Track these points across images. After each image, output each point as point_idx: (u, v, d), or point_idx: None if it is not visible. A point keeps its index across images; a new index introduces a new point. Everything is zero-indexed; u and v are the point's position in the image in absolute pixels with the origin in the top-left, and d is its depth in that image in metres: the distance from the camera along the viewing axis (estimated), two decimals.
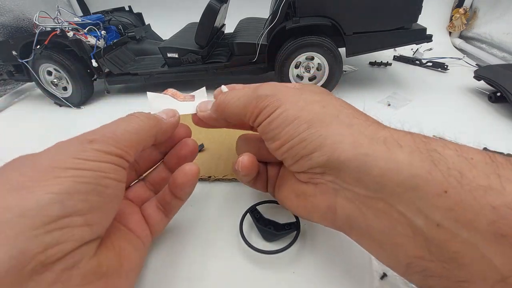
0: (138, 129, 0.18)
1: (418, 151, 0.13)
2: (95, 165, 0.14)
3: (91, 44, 0.52)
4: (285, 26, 0.45)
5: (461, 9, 0.69)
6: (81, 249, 0.13)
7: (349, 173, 0.15)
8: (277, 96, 0.18)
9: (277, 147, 0.18)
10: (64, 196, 0.13)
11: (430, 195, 0.12)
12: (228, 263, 0.22)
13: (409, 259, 0.13)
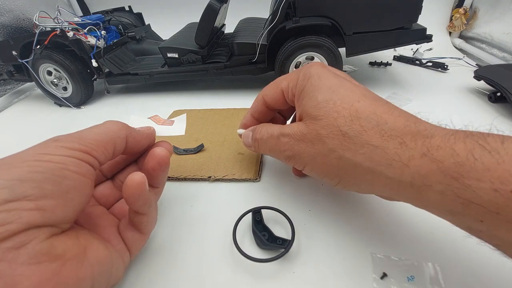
0: (106, 131, 0.19)
1: (449, 190, 0.14)
2: (53, 158, 0.15)
3: (91, 44, 0.52)
4: (285, 26, 0.45)
5: (461, 9, 0.69)
6: (30, 231, 0.13)
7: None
8: (297, 156, 0.21)
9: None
10: (14, 182, 0.14)
11: (470, 221, 0.14)
12: (223, 260, 0.22)
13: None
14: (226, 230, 0.24)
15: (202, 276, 0.21)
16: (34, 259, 0.13)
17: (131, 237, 0.20)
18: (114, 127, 0.20)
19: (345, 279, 0.20)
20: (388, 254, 0.21)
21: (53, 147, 0.16)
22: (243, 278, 0.21)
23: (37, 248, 0.13)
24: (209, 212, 0.27)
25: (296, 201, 0.27)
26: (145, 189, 0.18)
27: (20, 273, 0.13)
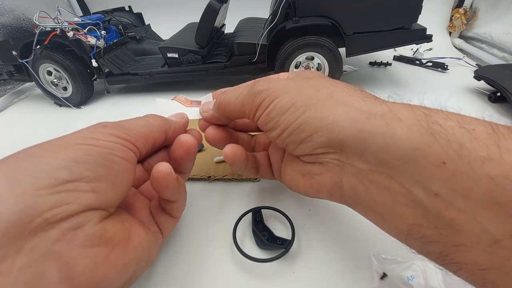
0: (148, 124, 0.20)
1: (418, 124, 0.13)
2: (103, 143, 0.16)
3: (91, 44, 0.52)
4: (285, 26, 0.45)
5: (461, 9, 0.69)
6: (87, 213, 0.14)
7: (350, 150, 0.16)
8: (272, 89, 0.19)
9: (277, 135, 0.19)
10: (71, 163, 0.14)
11: (429, 167, 0.13)
12: (223, 260, 0.22)
13: (409, 227, 0.14)
14: (226, 230, 0.24)
15: (202, 276, 0.21)
16: (90, 241, 0.13)
17: (163, 221, 0.21)
18: (155, 122, 0.21)
19: (345, 279, 0.20)
20: (388, 254, 0.21)
21: (101, 133, 0.17)
22: (243, 278, 0.21)
23: (92, 231, 0.14)
24: (209, 212, 0.27)
25: (296, 201, 0.27)
26: (172, 179, 0.18)
27: (76, 255, 0.13)
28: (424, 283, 0.19)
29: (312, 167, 0.19)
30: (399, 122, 0.14)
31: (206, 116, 0.24)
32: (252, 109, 0.20)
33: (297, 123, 0.17)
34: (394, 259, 0.21)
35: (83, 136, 0.16)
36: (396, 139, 0.14)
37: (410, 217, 0.14)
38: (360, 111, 0.16)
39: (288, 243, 0.22)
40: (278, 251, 0.22)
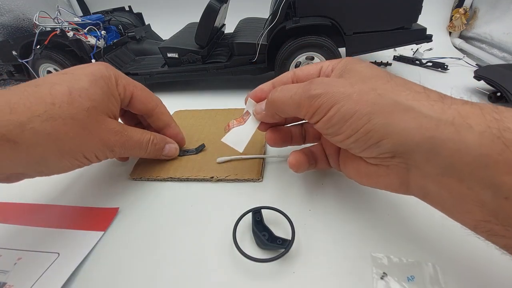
0: (139, 154, 0.30)
1: (489, 131, 0.14)
2: (95, 160, 0.26)
3: (91, 44, 0.52)
4: (285, 26, 0.45)
5: (461, 9, 0.69)
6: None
7: (418, 156, 0.16)
8: (329, 94, 0.18)
9: (340, 140, 0.19)
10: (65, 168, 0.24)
11: (499, 173, 0.13)
12: (223, 260, 0.22)
13: (477, 222, 0.15)
14: (226, 230, 0.24)
15: (202, 276, 0.21)
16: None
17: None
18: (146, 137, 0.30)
19: (345, 279, 0.20)
20: (388, 254, 0.21)
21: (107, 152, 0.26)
22: (243, 278, 0.21)
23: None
24: (209, 212, 0.27)
25: (296, 201, 0.27)
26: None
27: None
28: (424, 283, 0.19)
29: (378, 169, 0.19)
30: (469, 129, 0.14)
31: (259, 117, 0.26)
32: (309, 111, 0.20)
33: (363, 131, 0.17)
34: (394, 259, 0.21)
35: (93, 150, 0.25)
36: (467, 146, 0.14)
37: (478, 215, 0.14)
38: (428, 117, 0.15)
39: (288, 243, 0.21)
40: (278, 251, 0.22)
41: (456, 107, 0.15)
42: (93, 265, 0.23)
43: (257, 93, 0.26)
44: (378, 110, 0.17)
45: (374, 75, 0.19)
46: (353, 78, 0.19)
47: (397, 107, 0.16)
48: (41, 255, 0.23)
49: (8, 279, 0.21)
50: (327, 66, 0.24)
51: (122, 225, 0.26)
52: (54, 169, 0.24)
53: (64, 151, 0.22)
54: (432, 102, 0.16)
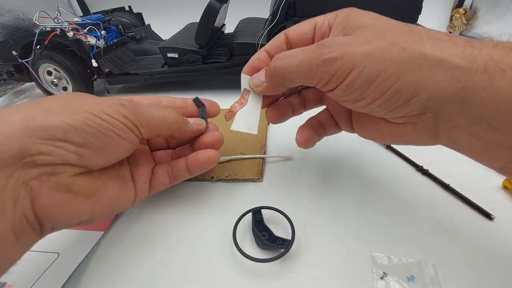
0: (162, 118, 0.22)
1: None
2: (108, 119, 0.19)
3: (91, 44, 0.52)
4: (285, 26, 0.45)
5: (461, 9, 0.69)
6: (64, 166, 0.17)
7: (449, 108, 0.15)
8: (346, 56, 0.16)
9: (363, 105, 0.18)
10: (69, 128, 0.17)
11: None
12: (223, 260, 0.22)
13: (506, 164, 0.15)
14: (226, 230, 0.24)
15: (202, 276, 0.21)
16: (56, 187, 0.17)
17: (162, 182, 0.25)
18: (169, 118, 0.23)
19: (345, 279, 0.20)
20: (388, 254, 0.21)
21: (115, 111, 0.19)
22: (243, 278, 0.21)
23: (62, 181, 0.17)
24: (209, 212, 0.27)
25: (296, 201, 0.27)
26: (215, 164, 0.26)
27: (43, 192, 0.17)
28: (424, 283, 0.19)
29: (404, 127, 0.18)
30: (502, 74, 0.13)
31: (260, 90, 0.23)
32: (323, 78, 0.18)
33: (392, 92, 0.16)
34: (394, 259, 0.21)
35: (99, 107, 0.19)
36: (500, 94, 0.13)
37: (507, 158, 0.15)
38: (460, 68, 0.14)
39: (288, 243, 0.21)
40: (278, 251, 0.22)
41: (487, 51, 0.14)
42: (93, 265, 0.23)
43: (254, 63, 0.23)
44: (406, 66, 0.15)
45: (388, 26, 0.17)
46: (367, 34, 0.17)
47: (425, 61, 0.15)
48: (41, 255, 0.23)
49: (8, 279, 0.21)
50: (322, 21, 0.21)
51: (122, 225, 0.26)
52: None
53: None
54: (461, 49, 0.15)
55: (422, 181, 0.28)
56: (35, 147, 0.16)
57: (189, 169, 0.26)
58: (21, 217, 0.16)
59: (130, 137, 0.20)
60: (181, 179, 0.26)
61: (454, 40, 0.15)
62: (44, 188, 0.17)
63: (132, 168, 0.24)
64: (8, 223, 0.15)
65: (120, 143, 0.20)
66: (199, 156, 0.25)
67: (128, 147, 0.21)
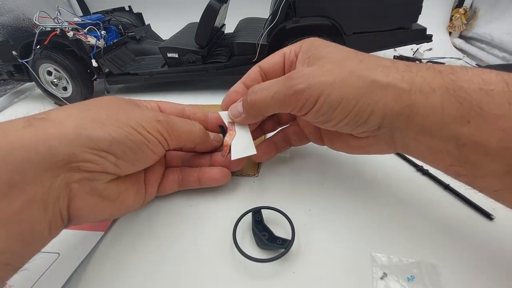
0: (189, 132, 0.24)
1: (447, 93, 0.17)
2: (146, 134, 0.21)
3: (91, 44, 0.52)
4: (285, 26, 0.45)
5: (461, 9, 0.69)
6: (102, 174, 0.19)
7: (399, 122, 0.19)
8: (313, 87, 0.20)
9: (331, 125, 0.21)
10: (113, 141, 0.19)
11: (458, 126, 0.16)
12: (223, 260, 0.22)
13: (446, 166, 0.19)
14: (226, 230, 0.24)
15: (202, 276, 0.21)
16: (92, 191, 0.19)
17: (171, 187, 0.27)
18: (195, 133, 0.25)
19: (345, 279, 0.20)
20: (388, 254, 0.21)
21: (151, 126, 0.21)
22: (243, 278, 0.21)
23: (97, 186, 0.19)
24: (209, 212, 0.27)
25: (296, 201, 0.27)
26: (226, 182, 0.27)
27: (80, 195, 0.19)
28: (424, 283, 0.19)
29: (367, 140, 0.22)
30: (433, 93, 0.17)
31: (239, 120, 0.25)
32: (296, 107, 0.21)
33: (353, 113, 0.19)
34: (394, 259, 0.21)
35: (139, 121, 0.20)
36: (433, 109, 0.17)
37: (448, 161, 0.18)
38: (402, 89, 0.18)
39: (288, 243, 0.21)
40: (278, 251, 0.22)
41: (422, 74, 0.18)
42: (93, 265, 0.23)
43: (231, 96, 0.27)
44: (362, 92, 0.19)
45: (344, 57, 0.21)
46: (328, 65, 0.20)
47: (376, 86, 0.19)
48: (41, 255, 0.23)
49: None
50: (289, 52, 0.24)
51: (122, 225, 0.26)
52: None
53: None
54: (402, 74, 0.19)
55: (422, 181, 0.28)
56: (82, 155, 0.18)
57: (200, 181, 0.27)
58: (57, 214, 0.18)
59: (159, 151, 0.22)
60: (190, 187, 0.28)
61: (396, 66, 0.19)
62: (81, 192, 0.19)
63: (146, 173, 0.26)
64: (48, 218, 0.17)
65: (150, 156, 0.22)
66: (214, 173, 0.26)
67: (155, 159, 0.23)
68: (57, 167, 0.17)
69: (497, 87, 0.16)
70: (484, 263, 0.21)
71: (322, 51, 0.22)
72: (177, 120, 0.24)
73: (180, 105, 0.28)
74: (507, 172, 0.16)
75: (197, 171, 0.27)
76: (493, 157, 0.16)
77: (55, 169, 0.17)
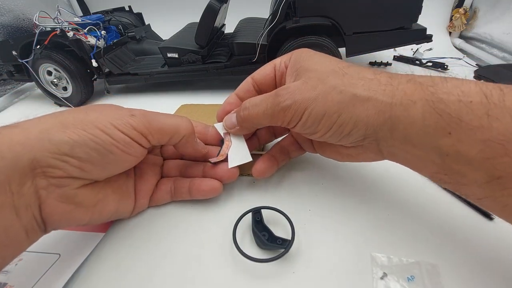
0: (175, 125, 0.23)
1: (427, 105, 0.17)
2: (115, 133, 0.19)
3: (91, 44, 0.52)
4: (285, 26, 0.45)
5: (461, 9, 0.69)
6: (68, 180, 0.19)
7: (382, 133, 0.20)
8: (298, 102, 0.21)
9: (318, 137, 0.22)
10: (75, 144, 0.18)
11: (439, 137, 0.17)
12: (223, 260, 0.22)
13: (431, 174, 0.19)
14: (226, 230, 0.24)
15: (202, 276, 0.21)
16: (61, 198, 0.19)
17: (163, 197, 0.27)
18: (183, 125, 0.23)
19: (345, 279, 0.20)
20: (388, 254, 0.21)
21: (124, 123, 0.20)
22: (243, 278, 0.21)
23: (66, 193, 0.19)
24: (209, 212, 0.27)
25: (296, 201, 0.27)
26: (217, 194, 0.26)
27: (49, 202, 0.18)
28: (424, 283, 0.19)
29: (355, 149, 0.23)
30: (414, 105, 0.18)
31: (233, 131, 0.27)
32: (284, 121, 0.22)
33: (336, 126, 0.20)
34: (394, 259, 0.21)
35: (109, 118, 0.20)
36: (414, 120, 0.18)
37: (432, 169, 0.18)
38: (384, 102, 0.19)
39: (288, 243, 0.22)
40: (278, 251, 0.22)
41: (402, 87, 0.19)
42: (93, 266, 0.23)
43: (225, 108, 0.28)
44: (343, 106, 0.20)
45: (329, 71, 0.21)
46: (312, 80, 0.21)
47: (357, 100, 0.20)
48: (42, 256, 0.23)
49: (9, 280, 0.21)
50: (279, 63, 0.26)
51: (122, 226, 0.26)
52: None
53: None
54: (383, 87, 0.19)
55: (422, 181, 0.28)
56: (44, 159, 0.17)
57: (190, 193, 0.26)
58: (31, 219, 0.18)
59: (134, 151, 0.21)
60: (182, 199, 0.27)
61: (378, 78, 0.20)
62: (50, 199, 0.18)
63: (136, 182, 0.26)
64: (22, 223, 0.17)
65: (123, 158, 0.21)
66: (203, 185, 0.26)
67: (132, 161, 0.22)
68: (23, 173, 0.17)
69: (476, 99, 0.16)
70: (484, 263, 0.21)
71: (308, 63, 0.23)
72: (156, 114, 0.23)
73: None
74: (488, 182, 0.16)
75: (188, 181, 0.26)
76: (475, 167, 0.16)
77: (21, 175, 0.17)
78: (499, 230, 0.23)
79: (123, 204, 0.24)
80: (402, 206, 0.25)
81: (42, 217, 0.19)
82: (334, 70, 0.21)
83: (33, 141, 0.17)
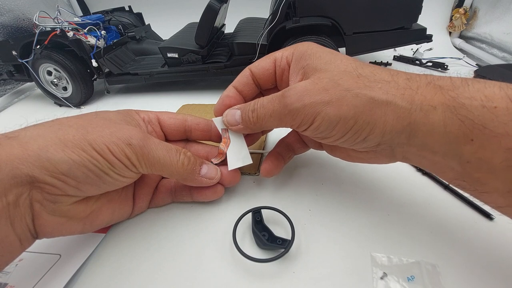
0: (166, 165, 0.22)
1: (448, 111, 0.16)
2: (111, 158, 0.19)
3: (91, 44, 0.52)
4: (285, 26, 0.45)
5: (461, 9, 0.69)
6: (63, 197, 0.19)
7: (400, 140, 0.19)
8: (308, 106, 0.19)
9: (330, 141, 0.21)
10: (74, 165, 0.18)
11: (461, 144, 0.16)
12: (223, 260, 0.22)
13: (450, 180, 0.19)
14: (226, 230, 0.24)
15: (202, 276, 0.21)
16: (54, 212, 0.19)
17: (164, 199, 0.27)
18: (176, 167, 0.22)
19: (345, 279, 0.20)
20: (388, 254, 0.21)
21: (119, 150, 0.20)
22: (243, 278, 0.21)
23: (59, 208, 0.19)
24: (209, 212, 0.27)
25: (296, 201, 0.27)
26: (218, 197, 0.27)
27: (42, 215, 0.19)
28: (424, 283, 0.19)
29: (367, 154, 0.22)
30: (434, 111, 0.17)
31: (236, 129, 0.25)
32: (293, 125, 0.21)
33: (352, 132, 0.19)
34: (394, 259, 0.21)
35: (107, 141, 0.19)
36: (434, 127, 0.17)
37: (451, 175, 0.18)
38: (403, 108, 0.18)
39: (288, 243, 0.22)
40: (278, 251, 0.22)
41: (422, 91, 0.18)
42: (94, 267, 0.23)
43: (224, 101, 0.25)
44: (360, 111, 0.18)
45: (342, 72, 0.20)
46: (323, 81, 0.20)
47: (375, 104, 0.18)
48: (43, 256, 0.23)
49: (10, 280, 0.21)
50: (280, 57, 0.24)
51: (123, 227, 0.26)
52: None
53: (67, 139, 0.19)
54: (402, 91, 0.18)
55: (422, 181, 0.28)
56: (41, 177, 0.17)
57: (192, 195, 0.26)
58: (25, 229, 0.18)
59: (129, 175, 0.21)
60: (183, 200, 0.27)
61: (396, 81, 0.19)
62: (43, 212, 0.19)
63: (136, 186, 0.25)
64: (17, 232, 0.18)
65: (118, 179, 0.21)
66: (205, 188, 0.26)
67: (127, 182, 0.22)
68: (20, 185, 0.17)
69: (501, 104, 0.15)
70: (484, 263, 0.21)
71: (317, 61, 0.21)
72: (155, 147, 0.21)
73: (181, 116, 0.27)
74: (511, 190, 0.15)
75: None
76: (497, 175, 0.15)
77: (18, 187, 0.17)
78: (499, 230, 0.23)
79: (118, 210, 0.24)
80: (402, 206, 0.25)
81: (34, 227, 0.19)
82: (347, 71, 0.20)
83: (32, 158, 0.17)
